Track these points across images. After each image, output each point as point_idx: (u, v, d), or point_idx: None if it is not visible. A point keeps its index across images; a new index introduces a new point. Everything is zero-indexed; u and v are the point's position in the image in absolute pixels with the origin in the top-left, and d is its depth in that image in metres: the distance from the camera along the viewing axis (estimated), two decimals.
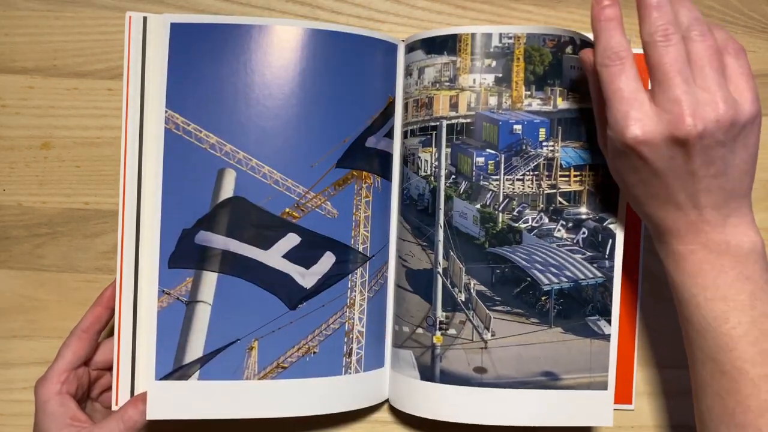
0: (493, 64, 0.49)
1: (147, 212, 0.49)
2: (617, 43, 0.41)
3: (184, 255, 0.49)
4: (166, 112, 0.49)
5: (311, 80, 0.49)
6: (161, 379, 0.48)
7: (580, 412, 0.50)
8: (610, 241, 0.50)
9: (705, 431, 0.43)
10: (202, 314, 0.49)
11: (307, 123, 0.50)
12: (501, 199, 0.50)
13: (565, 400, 0.50)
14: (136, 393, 0.49)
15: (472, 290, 0.51)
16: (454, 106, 0.50)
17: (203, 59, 0.49)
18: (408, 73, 0.52)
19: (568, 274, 0.51)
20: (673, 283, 0.45)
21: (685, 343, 0.45)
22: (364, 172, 0.52)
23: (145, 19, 0.48)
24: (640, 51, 0.41)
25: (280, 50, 0.49)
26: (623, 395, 0.55)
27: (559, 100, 0.50)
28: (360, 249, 0.52)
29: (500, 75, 0.49)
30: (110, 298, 0.49)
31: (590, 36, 0.47)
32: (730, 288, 0.42)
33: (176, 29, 0.48)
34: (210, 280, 0.50)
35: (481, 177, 0.50)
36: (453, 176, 0.51)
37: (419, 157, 0.52)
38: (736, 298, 0.42)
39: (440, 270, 0.51)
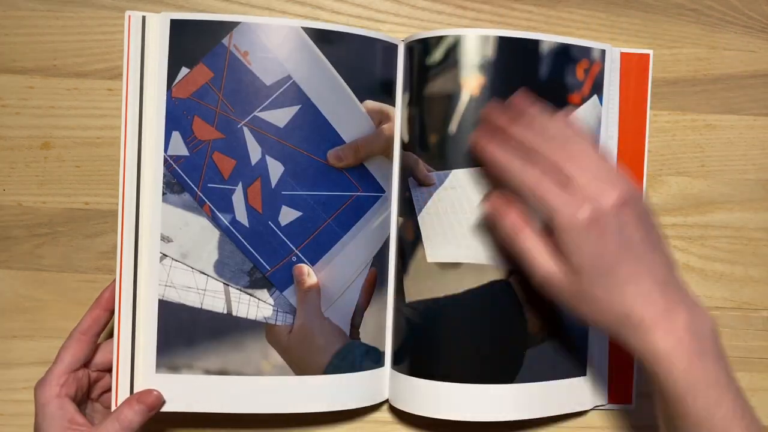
0: None
1: (147, 212, 0.49)
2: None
3: None
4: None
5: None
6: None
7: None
8: None
9: None
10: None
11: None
12: None
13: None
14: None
15: None
16: None
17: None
18: None
19: None
20: (664, 384, 0.41)
21: None
22: None
23: (144, 18, 0.48)
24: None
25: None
26: (623, 395, 0.55)
27: None
28: None
29: None
30: (109, 299, 0.49)
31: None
32: (718, 371, 0.40)
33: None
34: None
35: None
36: None
37: None
38: (721, 380, 0.40)
39: None
